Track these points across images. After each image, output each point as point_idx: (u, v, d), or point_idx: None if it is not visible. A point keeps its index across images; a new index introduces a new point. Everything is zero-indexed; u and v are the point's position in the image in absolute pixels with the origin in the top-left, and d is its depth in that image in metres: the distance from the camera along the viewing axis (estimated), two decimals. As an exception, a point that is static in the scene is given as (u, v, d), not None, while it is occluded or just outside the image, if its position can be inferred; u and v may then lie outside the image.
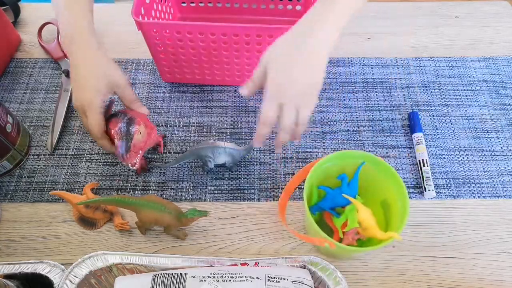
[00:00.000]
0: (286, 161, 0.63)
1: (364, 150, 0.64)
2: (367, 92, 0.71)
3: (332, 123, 0.67)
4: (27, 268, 0.48)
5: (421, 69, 0.73)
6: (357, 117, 0.68)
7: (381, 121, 0.67)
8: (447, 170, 0.62)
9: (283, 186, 0.61)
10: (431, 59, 0.75)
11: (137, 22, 0.58)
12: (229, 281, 0.44)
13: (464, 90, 0.71)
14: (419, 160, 0.62)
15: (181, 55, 0.64)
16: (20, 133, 0.62)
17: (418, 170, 0.62)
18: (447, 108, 0.69)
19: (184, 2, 0.76)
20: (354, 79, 0.72)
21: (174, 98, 0.70)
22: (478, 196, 0.60)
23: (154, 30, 0.60)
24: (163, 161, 0.63)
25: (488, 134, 0.66)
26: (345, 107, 0.69)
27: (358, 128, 0.67)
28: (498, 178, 0.62)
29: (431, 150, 0.64)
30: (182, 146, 0.65)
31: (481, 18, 0.80)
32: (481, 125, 0.67)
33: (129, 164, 0.55)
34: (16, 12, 0.79)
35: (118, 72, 0.55)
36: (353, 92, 0.71)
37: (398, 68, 0.74)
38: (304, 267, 0.48)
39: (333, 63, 0.74)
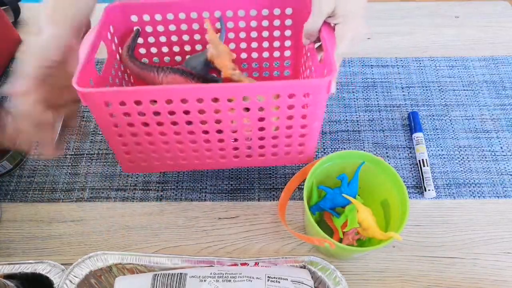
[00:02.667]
0: (286, 161, 0.63)
1: (364, 150, 0.64)
2: (367, 92, 0.71)
3: (332, 123, 0.67)
4: (27, 268, 0.48)
5: (421, 69, 0.73)
6: (357, 117, 0.68)
7: (381, 121, 0.67)
8: (447, 170, 0.62)
9: (283, 186, 0.61)
10: (431, 59, 0.75)
11: (81, 94, 0.43)
12: (229, 281, 0.44)
13: (464, 90, 0.71)
14: (419, 160, 0.62)
15: (145, 134, 0.49)
16: (20, 133, 0.62)
17: (418, 170, 0.62)
18: (447, 108, 0.69)
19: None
20: (354, 79, 0.72)
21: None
22: (478, 196, 0.60)
23: (106, 102, 0.45)
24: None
25: (488, 134, 0.66)
26: (345, 107, 0.69)
27: (358, 128, 0.67)
28: (498, 178, 0.62)
29: (431, 150, 0.64)
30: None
31: (481, 18, 0.80)
32: (481, 125, 0.67)
33: None
34: (16, 12, 0.80)
35: None
36: (353, 92, 0.71)
37: (398, 68, 0.74)
38: (304, 267, 0.48)
39: (333, 63, 0.74)
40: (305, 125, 0.49)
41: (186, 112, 0.46)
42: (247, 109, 0.46)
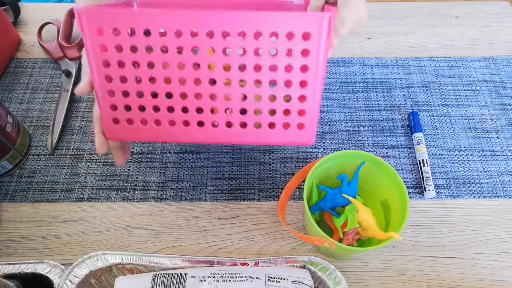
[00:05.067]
0: (286, 161, 0.63)
1: (364, 150, 0.64)
2: (367, 92, 0.71)
3: (332, 123, 0.67)
4: (27, 268, 0.48)
5: (421, 69, 0.73)
6: (357, 117, 0.68)
7: (381, 121, 0.67)
8: (447, 170, 0.62)
9: (283, 186, 0.61)
10: (431, 59, 0.75)
11: (77, 14, 0.41)
12: (229, 281, 0.44)
13: (464, 90, 0.71)
14: (419, 160, 0.62)
15: (135, 81, 0.45)
16: (20, 133, 0.62)
17: (418, 170, 0.62)
18: (447, 108, 0.69)
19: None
20: (354, 79, 0.72)
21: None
22: (478, 196, 0.60)
23: (99, 27, 0.42)
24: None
25: (488, 134, 0.66)
26: (345, 107, 0.69)
27: (358, 128, 0.67)
28: (498, 178, 0.62)
29: (431, 150, 0.64)
30: (182, 145, 0.65)
31: (481, 18, 0.80)
32: (481, 125, 0.67)
33: None
34: (16, 12, 0.79)
35: None
36: (353, 92, 0.71)
37: (398, 68, 0.74)
38: (304, 267, 0.48)
39: (333, 63, 0.74)
40: (305, 82, 0.44)
41: (180, 51, 0.44)
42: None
